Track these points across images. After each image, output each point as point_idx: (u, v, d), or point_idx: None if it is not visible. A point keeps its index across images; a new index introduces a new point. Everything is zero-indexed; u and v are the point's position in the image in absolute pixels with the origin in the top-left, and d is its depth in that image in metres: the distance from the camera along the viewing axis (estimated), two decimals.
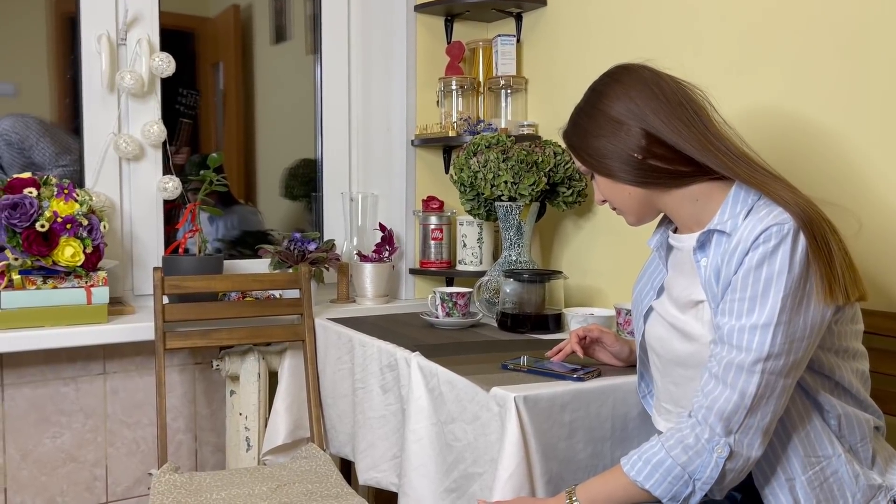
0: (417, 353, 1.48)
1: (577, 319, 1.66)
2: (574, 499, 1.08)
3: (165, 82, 2.00)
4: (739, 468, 1.03)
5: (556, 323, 1.73)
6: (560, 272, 1.79)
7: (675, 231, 1.23)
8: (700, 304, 1.12)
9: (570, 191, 1.88)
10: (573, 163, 1.87)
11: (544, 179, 1.82)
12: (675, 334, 1.16)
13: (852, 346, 1.11)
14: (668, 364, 1.19)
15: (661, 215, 1.26)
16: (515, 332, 1.73)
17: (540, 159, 1.82)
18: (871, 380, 1.16)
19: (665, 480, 1.03)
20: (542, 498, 1.18)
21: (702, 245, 1.11)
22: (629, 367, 1.39)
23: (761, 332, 1.00)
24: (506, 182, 1.81)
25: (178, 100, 2.12)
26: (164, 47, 1.99)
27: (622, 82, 1.14)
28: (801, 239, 1.00)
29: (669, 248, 1.23)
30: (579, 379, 1.30)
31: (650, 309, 1.24)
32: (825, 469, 1.07)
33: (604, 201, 1.22)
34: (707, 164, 1.09)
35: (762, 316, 1.00)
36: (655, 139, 1.10)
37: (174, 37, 2.09)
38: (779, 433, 1.06)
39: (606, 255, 1.93)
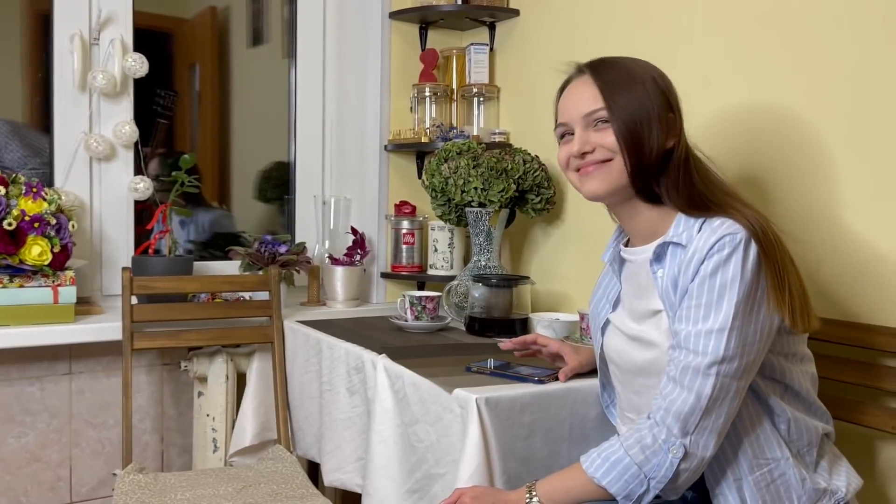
0: (384, 355, 1.50)
1: (542, 324, 1.69)
2: (534, 493, 1.11)
3: (142, 82, 2.00)
4: (693, 468, 1.06)
5: (523, 327, 1.76)
6: (527, 277, 1.81)
7: (626, 244, 1.26)
8: (658, 313, 1.15)
9: (539, 198, 1.91)
10: (541, 171, 1.90)
11: (513, 186, 1.84)
12: (633, 345, 1.19)
13: (800, 349, 1.16)
14: (627, 374, 1.21)
15: (614, 232, 1.30)
16: (483, 336, 1.75)
17: (509, 166, 1.85)
18: (821, 385, 1.20)
19: (621, 479, 1.06)
20: (502, 490, 1.20)
21: (658, 257, 1.15)
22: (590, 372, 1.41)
23: (716, 336, 1.04)
24: (476, 188, 1.83)
25: (155, 100, 2.12)
26: (140, 47, 2.00)
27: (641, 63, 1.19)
28: (753, 247, 1.05)
29: (622, 261, 1.26)
30: (540, 381, 1.33)
31: (607, 322, 1.26)
32: (773, 471, 1.10)
33: (589, 152, 1.15)
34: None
35: (717, 321, 1.04)
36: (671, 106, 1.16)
37: (151, 37, 2.09)
38: (729, 435, 1.09)
39: (574, 261, 1.96)
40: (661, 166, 1.14)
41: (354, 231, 2.14)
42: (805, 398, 1.15)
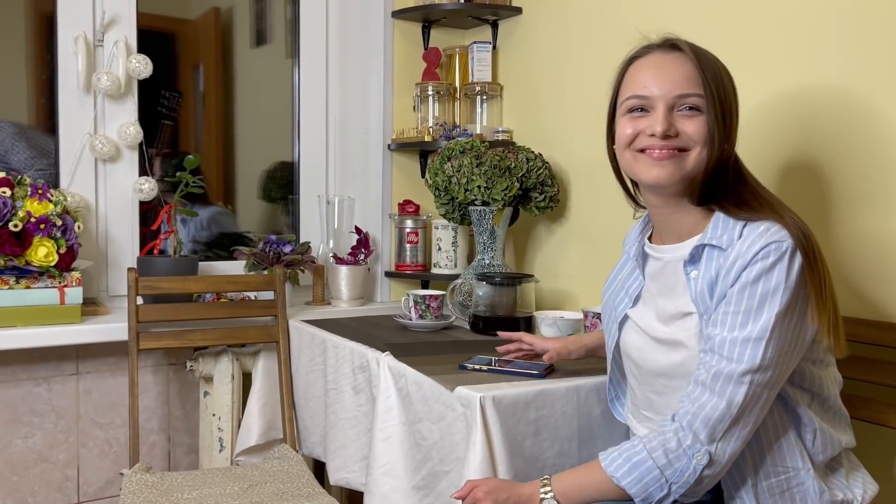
0: (388, 353, 1.50)
1: (546, 322, 1.69)
2: (549, 488, 1.09)
3: (146, 83, 2.01)
4: (716, 474, 1.05)
5: (527, 325, 1.76)
6: (531, 276, 1.81)
7: (649, 239, 1.22)
8: (688, 315, 1.11)
9: (543, 196, 1.91)
10: (545, 169, 1.90)
11: (517, 185, 1.85)
12: (659, 347, 1.15)
13: (826, 355, 1.13)
14: (648, 374, 1.18)
15: (638, 224, 1.27)
16: (487, 335, 1.75)
17: (513, 165, 1.85)
18: (846, 386, 1.19)
19: (642, 481, 1.04)
20: (516, 482, 1.17)
21: (692, 258, 1.11)
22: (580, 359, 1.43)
23: (753, 344, 1.01)
24: (479, 187, 1.84)
25: (160, 101, 2.13)
26: (144, 48, 2.00)
27: None
28: (798, 257, 1.02)
29: (645, 256, 1.22)
30: (540, 375, 1.33)
31: (626, 317, 1.22)
32: (791, 479, 1.08)
33: (674, 135, 1.08)
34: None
35: (755, 329, 1.01)
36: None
37: (155, 38, 2.10)
38: (751, 442, 1.07)
39: (577, 259, 1.96)
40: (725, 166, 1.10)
41: (358, 230, 2.14)
42: (832, 406, 1.14)
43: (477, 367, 1.40)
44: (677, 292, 1.13)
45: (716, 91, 1.07)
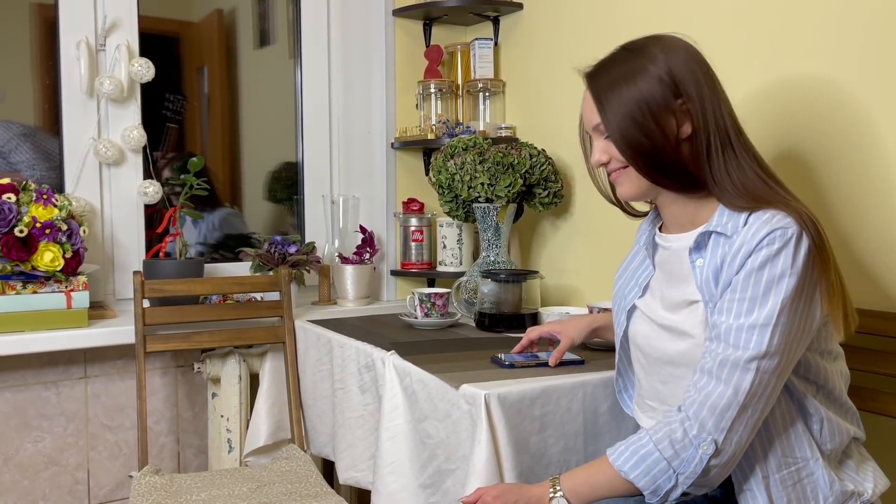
0: (393, 352, 1.50)
1: (552, 318, 1.68)
2: (558, 488, 1.08)
3: (151, 86, 2.02)
4: (724, 464, 1.04)
5: (533, 322, 1.75)
6: (536, 272, 1.81)
7: (660, 229, 1.22)
8: (693, 304, 1.11)
9: (546, 192, 1.90)
10: (548, 164, 1.89)
11: (520, 181, 1.84)
12: (665, 335, 1.15)
13: (836, 347, 1.13)
14: (655, 363, 1.18)
15: (650, 214, 1.27)
16: (493, 332, 1.75)
17: (516, 161, 1.84)
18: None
19: (649, 473, 1.04)
20: (525, 484, 1.17)
21: (698, 246, 1.11)
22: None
23: (759, 331, 1.01)
24: (482, 184, 1.83)
25: (164, 104, 2.13)
26: (148, 52, 2.01)
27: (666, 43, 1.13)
28: (805, 243, 1.02)
29: (655, 245, 1.22)
30: (580, 361, 1.39)
31: (634, 307, 1.22)
32: (801, 470, 1.08)
33: (605, 163, 1.16)
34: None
35: (761, 316, 1.01)
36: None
37: (159, 41, 2.10)
38: (760, 433, 1.07)
39: (583, 255, 1.95)
40: (689, 155, 1.08)
41: (363, 229, 2.14)
42: (837, 398, 1.13)
43: (514, 362, 1.39)
44: (683, 280, 1.13)
45: (611, 112, 1.10)
